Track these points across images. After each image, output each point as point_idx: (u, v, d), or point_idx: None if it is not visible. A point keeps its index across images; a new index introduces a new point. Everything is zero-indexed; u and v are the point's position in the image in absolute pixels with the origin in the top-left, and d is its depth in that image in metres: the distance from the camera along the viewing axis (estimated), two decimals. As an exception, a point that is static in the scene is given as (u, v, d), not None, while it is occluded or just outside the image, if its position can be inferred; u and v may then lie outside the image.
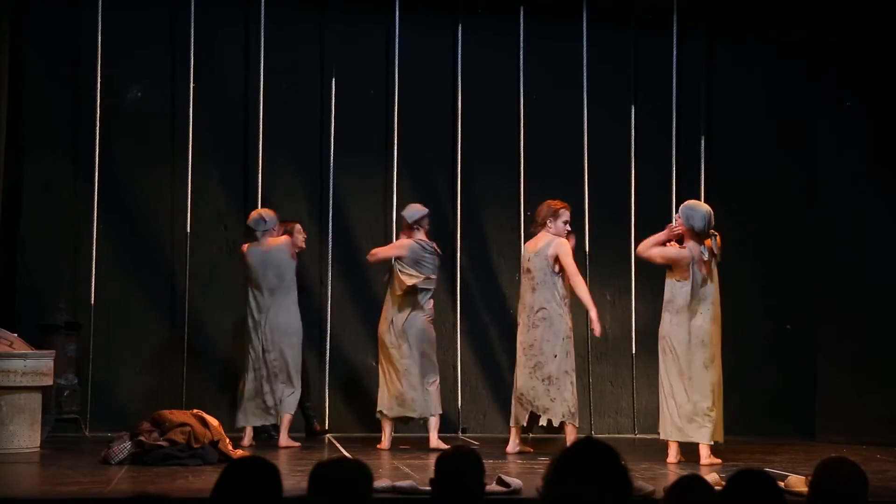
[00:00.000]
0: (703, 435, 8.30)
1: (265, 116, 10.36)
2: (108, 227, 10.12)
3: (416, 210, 9.22)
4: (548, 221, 8.94)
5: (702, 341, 8.31)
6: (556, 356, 8.75)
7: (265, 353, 9.07)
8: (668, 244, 8.50)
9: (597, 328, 8.81)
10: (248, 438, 9.09)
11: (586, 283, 9.23)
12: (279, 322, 9.11)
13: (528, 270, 8.90)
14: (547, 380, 8.75)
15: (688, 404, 8.31)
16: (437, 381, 9.16)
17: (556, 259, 8.83)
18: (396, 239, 9.79)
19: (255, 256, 9.16)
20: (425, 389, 9.05)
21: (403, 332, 9.03)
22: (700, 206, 8.52)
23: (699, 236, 8.36)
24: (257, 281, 9.14)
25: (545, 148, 10.75)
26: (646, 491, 6.53)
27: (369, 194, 10.57)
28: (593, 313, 8.80)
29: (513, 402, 8.95)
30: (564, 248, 8.88)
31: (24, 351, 8.53)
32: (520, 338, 8.90)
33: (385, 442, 9.05)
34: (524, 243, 9.19)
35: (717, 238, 8.40)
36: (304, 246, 9.61)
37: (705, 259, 8.33)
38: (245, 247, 9.26)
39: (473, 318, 10.57)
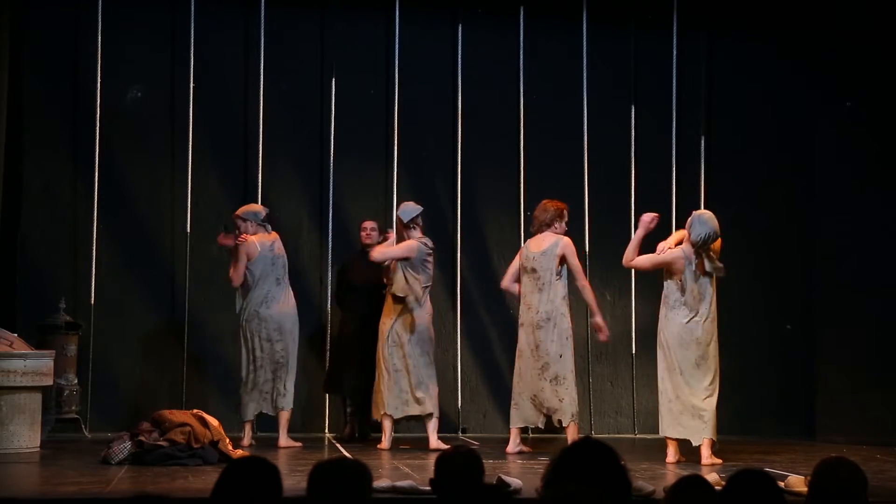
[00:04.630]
0: (695, 433, 8.31)
1: (265, 116, 10.36)
2: (108, 227, 10.12)
3: (411, 208, 9.20)
4: (554, 223, 8.93)
5: (696, 339, 8.35)
6: (561, 356, 8.77)
7: (273, 344, 9.09)
8: (659, 248, 8.52)
9: (603, 333, 8.91)
10: (247, 438, 9.09)
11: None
12: (287, 312, 9.15)
13: (534, 270, 8.90)
14: (554, 380, 8.76)
15: (677, 402, 8.36)
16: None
17: (563, 259, 8.85)
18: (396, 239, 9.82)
19: (264, 248, 9.17)
20: (428, 388, 9.07)
21: (406, 330, 9.04)
22: (706, 221, 8.42)
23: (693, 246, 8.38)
24: (266, 272, 9.14)
25: (545, 148, 10.75)
26: (646, 491, 6.53)
27: (369, 194, 10.57)
28: (599, 318, 8.89)
29: (520, 403, 8.91)
30: (571, 248, 8.94)
31: (24, 351, 8.53)
32: (524, 338, 8.89)
33: (385, 442, 9.05)
34: (527, 242, 9.16)
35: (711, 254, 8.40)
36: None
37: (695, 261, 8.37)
38: (250, 238, 9.20)
39: (473, 318, 10.57)
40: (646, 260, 8.60)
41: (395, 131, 10.59)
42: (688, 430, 8.33)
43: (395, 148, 10.60)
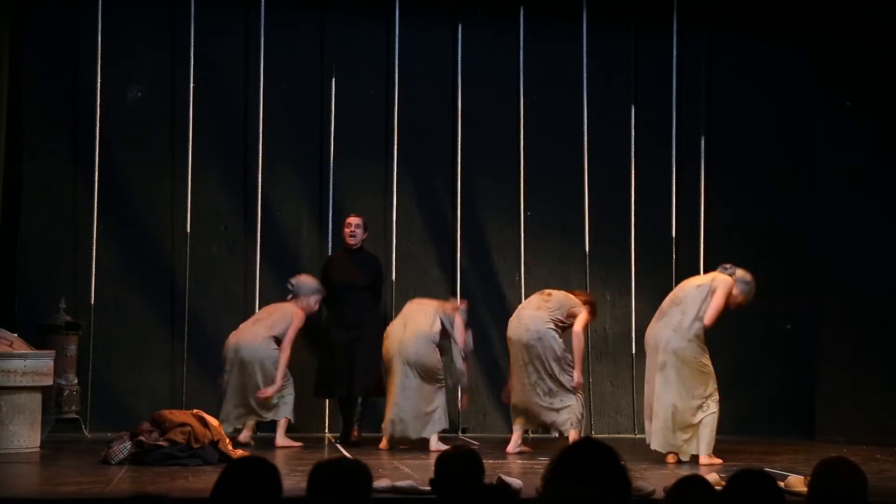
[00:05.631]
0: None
1: (265, 116, 10.36)
2: (108, 227, 10.12)
3: None
4: (575, 309, 9.02)
5: (655, 343, 8.45)
6: (552, 373, 8.77)
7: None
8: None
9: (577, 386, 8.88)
10: (245, 436, 9.10)
11: (585, 282, 9.30)
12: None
13: (550, 295, 8.99)
14: (548, 394, 8.77)
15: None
16: None
17: (570, 316, 8.96)
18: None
19: None
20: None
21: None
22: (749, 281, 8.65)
23: None
24: None
25: (545, 148, 10.75)
26: (646, 491, 6.54)
27: (369, 194, 10.56)
28: (577, 373, 8.84)
29: (518, 410, 8.93)
30: (582, 319, 8.97)
31: (24, 351, 8.53)
32: (515, 354, 8.91)
33: (385, 442, 9.05)
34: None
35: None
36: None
37: None
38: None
39: (473, 319, 10.53)
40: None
41: (395, 131, 10.59)
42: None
43: (395, 148, 10.59)
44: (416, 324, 9.09)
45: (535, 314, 8.90)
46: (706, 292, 8.40)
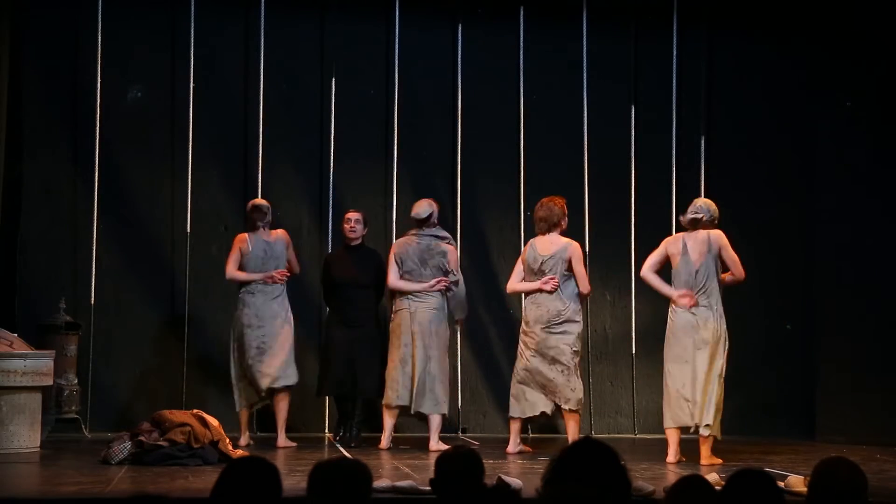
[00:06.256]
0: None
1: (265, 116, 10.37)
2: (108, 227, 10.12)
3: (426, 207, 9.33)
4: (561, 221, 8.95)
5: (690, 328, 8.47)
6: (574, 350, 8.78)
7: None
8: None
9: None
10: (245, 438, 9.09)
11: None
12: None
13: (542, 272, 8.87)
14: (567, 370, 8.74)
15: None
16: None
17: (569, 263, 8.86)
18: (398, 237, 9.86)
19: (258, 245, 9.21)
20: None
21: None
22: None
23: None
24: (257, 270, 9.18)
25: (545, 148, 10.75)
26: (646, 491, 6.54)
27: (369, 194, 10.57)
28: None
29: (526, 393, 8.88)
30: (580, 253, 8.95)
31: (24, 351, 8.54)
32: (534, 337, 8.81)
33: (385, 442, 9.05)
34: (532, 241, 9.09)
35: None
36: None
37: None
38: (245, 236, 9.27)
39: (473, 318, 10.55)
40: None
41: (395, 131, 10.60)
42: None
43: (395, 148, 10.60)
44: (425, 296, 9.10)
45: (553, 300, 8.85)
46: (714, 256, 8.45)
